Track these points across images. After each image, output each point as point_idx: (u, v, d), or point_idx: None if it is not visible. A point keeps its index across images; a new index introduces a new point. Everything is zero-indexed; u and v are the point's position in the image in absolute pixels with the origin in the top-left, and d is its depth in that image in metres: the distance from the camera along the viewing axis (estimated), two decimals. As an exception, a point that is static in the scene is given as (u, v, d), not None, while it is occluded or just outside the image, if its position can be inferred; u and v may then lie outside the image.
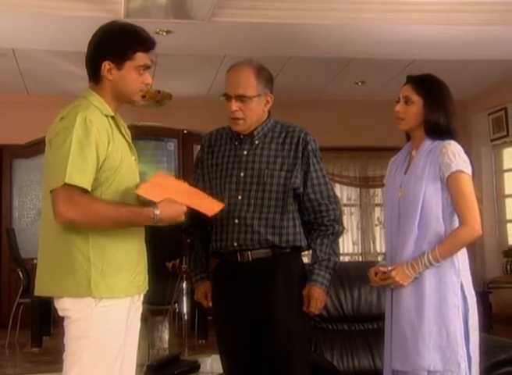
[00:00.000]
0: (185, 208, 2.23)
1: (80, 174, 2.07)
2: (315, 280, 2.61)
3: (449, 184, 2.48)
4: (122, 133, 2.27)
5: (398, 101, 2.61)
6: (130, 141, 2.32)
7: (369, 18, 5.23)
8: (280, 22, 5.20)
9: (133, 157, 2.30)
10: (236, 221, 2.59)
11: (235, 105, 2.59)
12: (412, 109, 2.57)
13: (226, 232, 2.60)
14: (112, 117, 2.23)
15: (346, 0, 5.09)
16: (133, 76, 2.23)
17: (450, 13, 5.21)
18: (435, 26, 5.35)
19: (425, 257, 2.45)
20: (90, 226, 2.13)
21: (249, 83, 2.58)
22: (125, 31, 2.26)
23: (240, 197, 2.60)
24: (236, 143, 2.67)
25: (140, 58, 2.24)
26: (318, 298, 2.58)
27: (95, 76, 2.24)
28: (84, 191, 2.09)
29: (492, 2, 5.14)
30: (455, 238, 2.48)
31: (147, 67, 2.27)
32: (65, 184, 2.05)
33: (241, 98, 2.58)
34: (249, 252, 2.58)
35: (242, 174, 2.62)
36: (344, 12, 5.16)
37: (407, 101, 2.57)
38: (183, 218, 2.24)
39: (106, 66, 2.20)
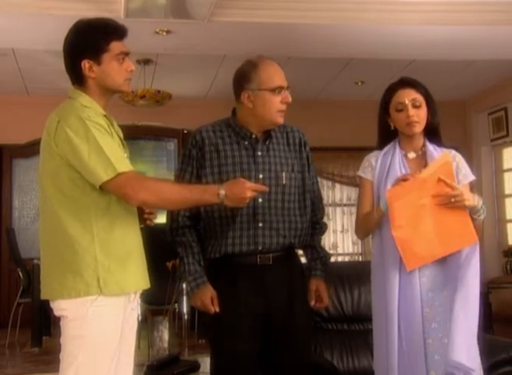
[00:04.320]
0: (248, 185, 2.22)
1: (123, 161, 2.14)
2: (321, 275, 2.66)
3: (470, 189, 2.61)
4: (115, 130, 2.28)
5: (402, 109, 2.60)
6: (122, 138, 2.32)
7: (369, 18, 5.23)
8: (280, 22, 5.20)
9: (125, 154, 2.30)
10: (261, 225, 2.52)
11: (290, 96, 2.57)
12: (423, 112, 2.61)
13: (248, 236, 2.52)
14: (104, 115, 2.24)
15: (347, 0, 5.09)
16: (115, 67, 2.23)
17: (450, 13, 5.21)
18: (435, 26, 5.35)
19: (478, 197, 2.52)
20: (162, 206, 2.25)
21: None
22: (93, 26, 2.26)
23: (260, 200, 2.50)
24: (246, 143, 2.58)
25: (116, 46, 2.24)
26: (326, 291, 2.66)
27: (78, 78, 2.25)
28: (137, 173, 2.17)
29: (493, 2, 5.14)
30: None
31: (125, 54, 2.26)
32: (120, 174, 2.09)
33: (288, 89, 2.58)
34: (270, 255, 2.54)
35: (261, 176, 2.54)
36: (344, 12, 5.15)
37: (415, 104, 2.59)
38: (248, 197, 2.22)
39: (86, 64, 2.21)
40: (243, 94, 2.55)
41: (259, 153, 2.57)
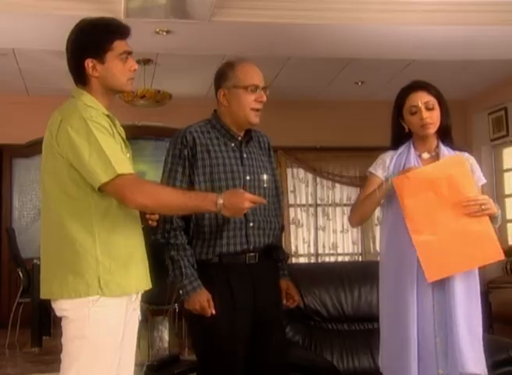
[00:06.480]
0: (247, 196, 2.20)
1: (123, 163, 2.13)
2: (288, 275, 2.76)
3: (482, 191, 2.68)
4: (118, 131, 2.27)
5: (416, 112, 2.62)
6: (125, 138, 2.32)
7: (369, 18, 5.23)
8: (280, 22, 5.20)
9: (128, 155, 2.30)
10: (252, 224, 2.57)
11: (265, 96, 2.60)
12: (436, 113, 2.64)
13: (241, 236, 2.56)
14: (107, 115, 2.24)
15: (346, 0, 5.09)
16: (118, 66, 2.23)
17: (450, 13, 5.21)
18: (435, 26, 5.35)
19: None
20: (160, 210, 2.22)
21: None
22: (96, 25, 2.26)
23: None
24: (233, 144, 2.63)
25: (119, 45, 2.23)
26: (296, 290, 2.73)
27: (81, 78, 2.24)
28: (137, 176, 2.15)
29: (492, 2, 5.14)
30: None
31: (128, 53, 2.26)
32: (119, 175, 2.08)
33: (264, 90, 2.61)
34: (257, 254, 2.59)
35: (248, 178, 2.60)
36: (344, 12, 5.15)
37: (428, 106, 2.62)
38: (246, 207, 2.20)
39: (89, 63, 2.20)
40: (219, 92, 2.63)
41: (245, 155, 2.63)
